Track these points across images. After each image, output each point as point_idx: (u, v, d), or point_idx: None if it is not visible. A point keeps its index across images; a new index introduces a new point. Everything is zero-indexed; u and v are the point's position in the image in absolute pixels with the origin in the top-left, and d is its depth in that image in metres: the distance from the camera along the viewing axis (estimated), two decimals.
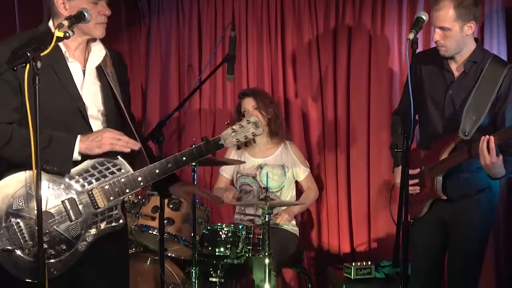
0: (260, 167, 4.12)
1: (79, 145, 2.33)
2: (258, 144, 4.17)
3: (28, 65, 2.10)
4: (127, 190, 2.39)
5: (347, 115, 4.49)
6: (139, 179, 2.40)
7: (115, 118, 2.51)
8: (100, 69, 2.50)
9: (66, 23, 2.23)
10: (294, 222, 4.14)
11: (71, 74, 2.41)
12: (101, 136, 2.34)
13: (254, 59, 4.59)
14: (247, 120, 2.46)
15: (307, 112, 4.58)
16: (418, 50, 2.73)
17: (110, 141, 2.34)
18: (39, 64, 2.11)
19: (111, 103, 2.49)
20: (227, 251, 3.65)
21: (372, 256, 4.37)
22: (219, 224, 3.76)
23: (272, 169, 4.09)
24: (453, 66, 3.11)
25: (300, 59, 4.55)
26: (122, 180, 2.38)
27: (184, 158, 2.44)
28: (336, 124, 4.52)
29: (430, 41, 4.13)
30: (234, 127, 2.46)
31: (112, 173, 2.39)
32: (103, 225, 2.37)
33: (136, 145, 2.39)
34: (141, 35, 4.80)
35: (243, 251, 3.66)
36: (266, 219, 3.47)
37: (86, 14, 2.30)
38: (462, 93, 3.05)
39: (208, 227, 3.74)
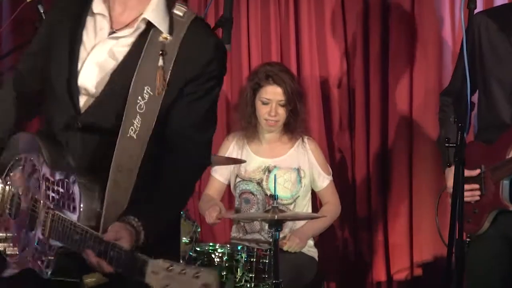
0: (268, 170, 4.10)
1: None
2: (266, 139, 4.15)
3: None
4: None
5: (383, 98, 4.50)
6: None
7: (113, 105, 2.21)
8: (144, 38, 2.23)
9: None
10: (311, 241, 4.13)
11: (79, 31, 2.27)
12: None
13: (257, 24, 4.61)
14: (196, 274, 1.87)
15: (329, 95, 4.59)
16: (476, 11, 2.72)
17: None
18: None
19: (117, 85, 2.22)
20: (222, 280, 3.65)
21: (416, 285, 4.39)
22: (211, 244, 3.77)
23: (284, 173, 4.06)
24: None
25: (319, 25, 4.55)
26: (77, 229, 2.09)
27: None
28: (368, 111, 4.52)
29: None
30: (173, 267, 1.91)
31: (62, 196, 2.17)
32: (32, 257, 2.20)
33: None
34: None
35: (243, 280, 3.67)
36: (275, 238, 3.48)
37: None
38: None
39: (197, 248, 3.75)
